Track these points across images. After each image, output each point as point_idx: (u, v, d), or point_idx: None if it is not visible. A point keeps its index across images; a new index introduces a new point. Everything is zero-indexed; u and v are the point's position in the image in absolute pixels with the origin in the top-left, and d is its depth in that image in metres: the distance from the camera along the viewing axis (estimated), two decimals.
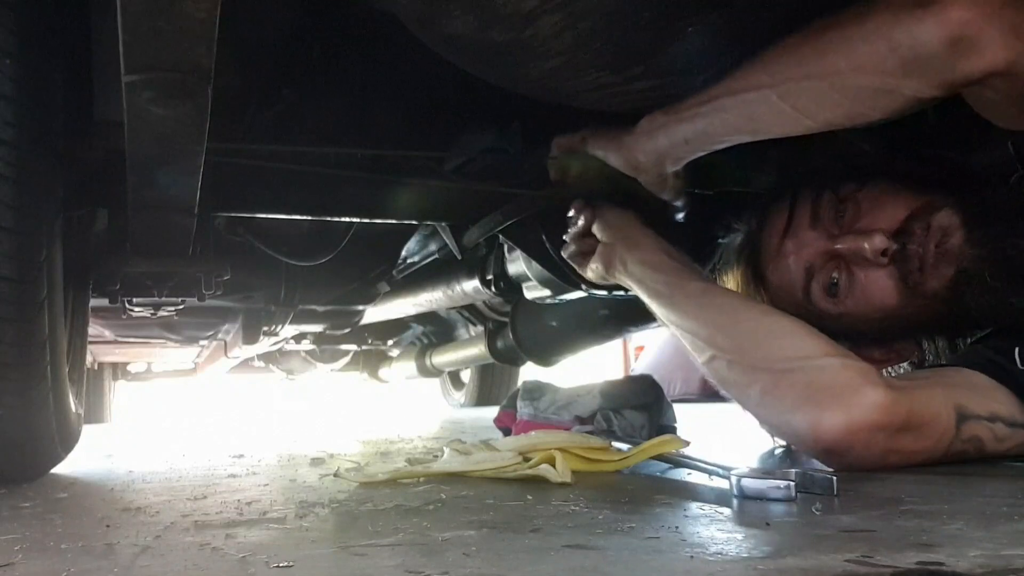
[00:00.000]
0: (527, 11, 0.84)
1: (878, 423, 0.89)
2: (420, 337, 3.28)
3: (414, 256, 1.85)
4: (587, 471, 0.99)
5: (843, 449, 0.90)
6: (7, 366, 0.93)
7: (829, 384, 0.91)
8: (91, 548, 0.65)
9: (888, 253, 1.02)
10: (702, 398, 3.88)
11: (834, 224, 1.08)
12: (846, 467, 0.91)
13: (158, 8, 0.63)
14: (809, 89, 0.89)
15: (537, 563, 0.54)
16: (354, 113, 1.26)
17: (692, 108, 0.98)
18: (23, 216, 0.87)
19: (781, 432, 0.98)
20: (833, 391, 0.90)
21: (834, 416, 0.89)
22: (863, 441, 0.89)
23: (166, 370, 4.60)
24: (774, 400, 0.94)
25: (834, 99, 0.89)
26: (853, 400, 0.89)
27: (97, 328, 2.42)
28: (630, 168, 1.09)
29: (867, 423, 0.89)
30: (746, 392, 0.97)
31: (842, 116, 0.91)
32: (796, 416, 0.92)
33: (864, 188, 1.08)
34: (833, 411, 0.89)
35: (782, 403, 0.93)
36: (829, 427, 0.89)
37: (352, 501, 0.84)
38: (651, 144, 1.04)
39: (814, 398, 0.91)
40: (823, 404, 0.90)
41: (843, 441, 0.89)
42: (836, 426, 0.89)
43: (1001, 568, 0.48)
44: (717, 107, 0.96)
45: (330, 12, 1.13)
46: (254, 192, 1.24)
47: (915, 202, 1.03)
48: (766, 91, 0.91)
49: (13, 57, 0.83)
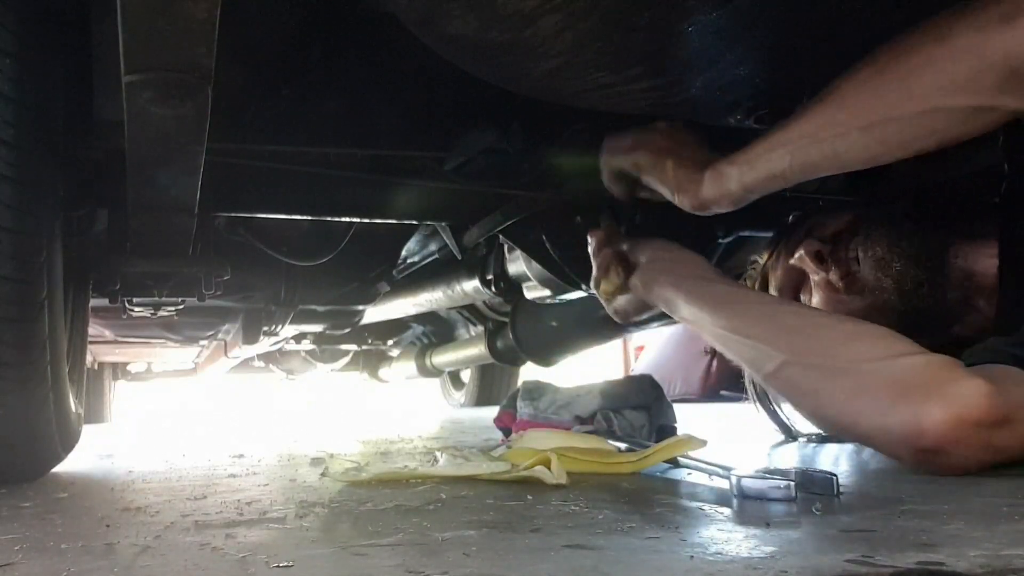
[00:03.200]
0: (527, 11, 0.84)
1: (981, 415, 0.81)
2: (420, 337, 3.28)
3: (414, 256, 1.85)
4: (603, 473, 0.99)
5: (945, 447, 0.82)
6: (7, 366, 0.93)
7: (923, 379, 0.84)
8: (91, 548, 0.65)
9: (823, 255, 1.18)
10: (702, 398, 3.89)
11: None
12: (945, 469, 0.84)
13: (158, 8, 0.63)
14: (897, 122, 0.86)
15: (537, 563, 0.54)
16: (354, 113, 1.25)
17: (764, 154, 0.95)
18: (23, 216, 0.87)
19: (872, 438, 0.90)
20: (928, 386, 0.83)
21: (935, 411, 0.81)
22: (966, 436, 0.82)
23: (166, 370, 4.59)
24: (863, 403, 0.87)
25: (927, 126, 0.85)
26: (952, 392, 0.82)
27: (97, 328, 2.42)
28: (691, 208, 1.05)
29: (971, 416, 0.81)
30: (827, 398, 0.90)
31: (935, 141, 0.87)
32: (890, 417, 0.84)
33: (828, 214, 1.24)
34: (932, 406, 0.82)
35: (872, 405, 0.86)
36: (930, 423, 0.81)
37: (352, 501, 0.84)
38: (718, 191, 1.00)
39: (908, 395, 0.84)
40: (920, 400, 0.83)
41: (946, 437, 0.82)
42: (938, 422, 0.81)
43: (1001, 568, 0.48)
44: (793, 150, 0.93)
45: (330, 12, 1.13)
46: (254, 192, 1.23)
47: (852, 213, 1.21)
48: (848, 133, 0.88)
49: (13, 57, 0.83)
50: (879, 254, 1.16)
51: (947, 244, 1.14)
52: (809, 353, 0.93)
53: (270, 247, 1.49)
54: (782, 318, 0.99)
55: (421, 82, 1.22)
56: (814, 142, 0.92)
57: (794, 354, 0.94)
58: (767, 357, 0.96)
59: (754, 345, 0.98)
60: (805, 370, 0.93)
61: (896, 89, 0.85)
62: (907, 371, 0.85)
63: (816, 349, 0.93)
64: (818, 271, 1.20)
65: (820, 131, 0.91)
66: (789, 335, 0.96)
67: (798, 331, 0.96)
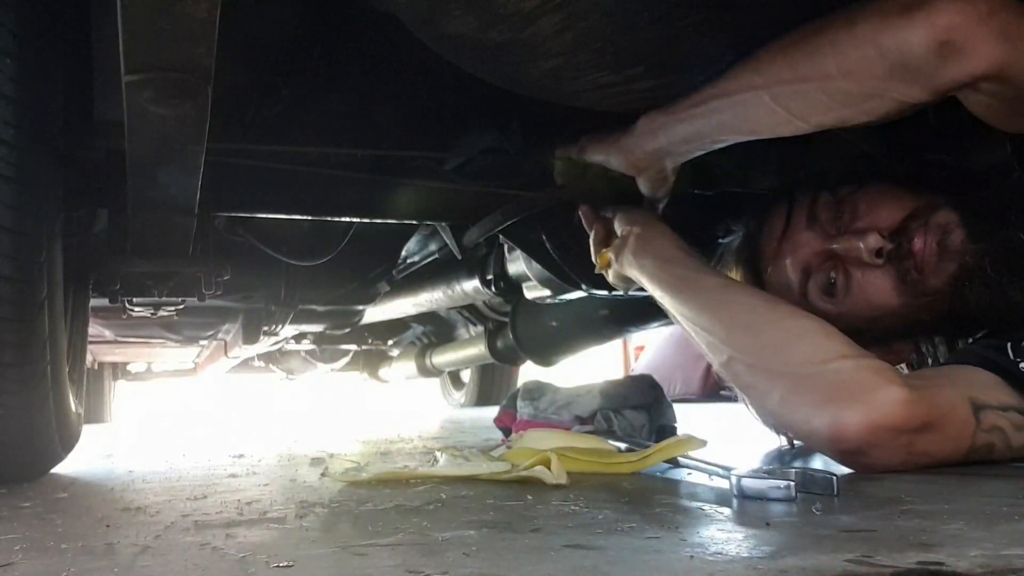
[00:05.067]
0: (527, 11, 0.84)
1: (898, 422, 0.87)
2: (420, 337, 3.28)
3: (414, 256, 1.85)
4: (603, 473, 0.99)
5: (864, 449, 0.89)
6: (7, 366, 0.93)
7: (848, 385, 0.90)
8: (91, 548, 0.65)
9: (883, 253, 1.03)
10: (702, 398, 3.89)
11: (832, 225, 1.08)
12: (868, 468, 0.90)
13: (158, 8, 0.63)
14: (800, 92, 0.90)
15: (537, 563, 0.54)
16: (354, 113, 1.25)
17: (688, 108, 0.98)
18: (23, 216, 0.87)
19: (803, 436, 0.97)
20: (852, 391, 0.89)
21: (854, 416, 0.88)
22: (883, 440, 0.88)
23: (166, 370, 4.59)
24: (795, 404, 0.93)
25: (824, 102, 0.89)
26: (872, 399, 0.88)
27: (97, 328, 2.42)
28: (631, 168, 1.09)
29: (887, 422, 0.87)
30: (767, 397, 0.96)
31: (833, 119, 0.92)
32: (816, 419, 0.90)
33: (862, 189, 1.08)
34: (852, 411, 0.88)
35: (803, 407, 0.92)
36: (849, 428, 0.88)
37: (352, 501, 0.84)
38: (651, 144, 1.04)
39: (833, 399, 0.90)
40: (843, 405, 0.89)
41: (864, 441, 0.88)
42: (856, 426, 0.88)
43: (1001, 568, 0.48)
44: (713, 108, 0.96)
45: (330, 12, 1.13)
46: (254, 192, 1.23)
47: (913, 202, 1.04)
48: (759, 92, 0.92)
49: (13, 57, 0.83)
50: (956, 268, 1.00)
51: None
52: (752, 352, 0.98)
53: (270, 247, 1.49)
54: (731, 312, 1.02)
55: (421, 82, 1.22)
56: (729, 103, 0.94)
57: (738, 351, 0.99)
58: (717, 349, 1.01)
59: (706, 336, 1.02)
60: (749, 369, 0.98)
61: (802, 63, 0.88)
62: (836, 376, 0.91)
63: (758, 349, 0.97)
64: (873, 262, 1.04)
65: (736, 91, 0.94)
66: (736, 332, 1.00)
67: (745, 328, 0.99)
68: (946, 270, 1.00)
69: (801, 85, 0.89)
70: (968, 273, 0.99)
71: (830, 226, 1.08)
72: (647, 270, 1.11)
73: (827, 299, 1.08)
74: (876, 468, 0.89)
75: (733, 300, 1.04)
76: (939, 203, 1.03)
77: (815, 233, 1.09)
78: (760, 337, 0.98)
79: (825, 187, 1.10)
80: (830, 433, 0.90)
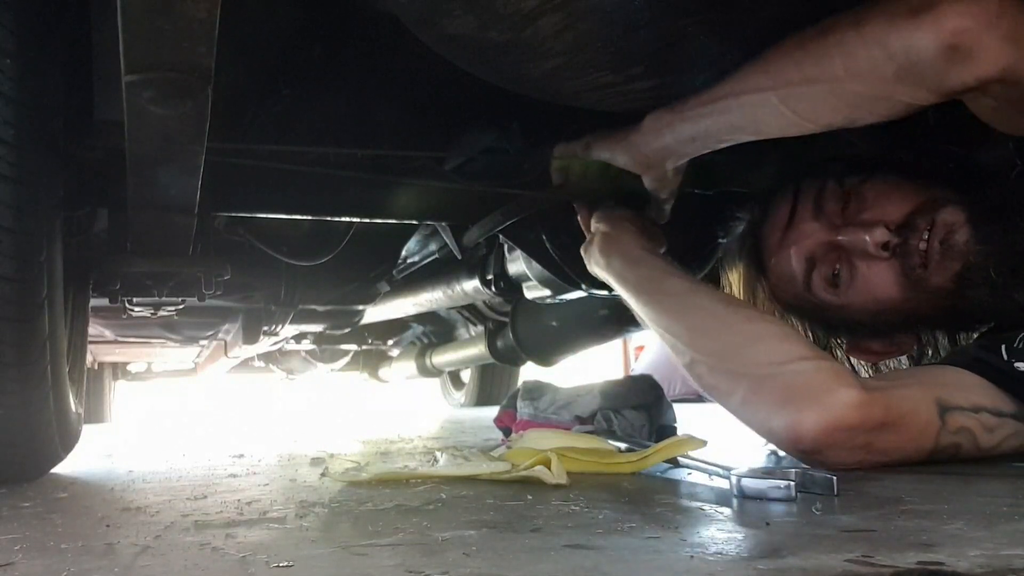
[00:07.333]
0: (527, 11, 0.84)
1: (853, 422, 0.89)
2: (420, 337, 3.28)
3: (414, 256, 1.85)
4: (603, 473, 0.99)
5: (820, 449, 0.91)
6: (7, 366, 0.93)
7: (804, 387, 0.92)
8: (91, 548, 0.65)
9: (890, 247, 1.03)
10: (702, 398, 3.89)
11: (837, 216, 1.08)
12: (829, 467, 0.91)
13: (158, 8, 0.63)
14: (808, 94, 0.90)
15: (537, 563, 0.54)
16: (354, 113, 1.25)
17: (696, 108, 0.99)
18: (23, 216, 0.87)
19: (764, 435, 0.99)
20: (809, 393, 0.92)
21: (810, 417, 0.90)
22: (839, 441, 0.90)
23: (166, 370, 4.60)
24: (754, 406, 0.95)
25: (832, 104, 0.90)
26: (828, 401, 0.90)
27: (97, 328, 2.42)
28: (637, 166, 1.09)
29: (842, 423, 0.89)
30: (729, 398, 0.98)
31: (841, 119, 0.92)
32: (775, 420, 0.93)
33: (869, 181, 1.08)
34: (808, 413, 0.90)
35: (762, 408, 0.95)
36: (806, 429, 0.90)
37: (352, 501, 0.84)
38: (658, 141, 1.04)
39: (791, 401, 0.92)
40: (799, 406, 0.91)
41: (820, 441, 0.90)
42: (812, 427, 0.90)
43: (1001, 568, 0.48)
44: (721, 108, 0.96)
45: (330, 12, 1.13)
46: (254, 192, 1.24)
47: (919, 197, 1.04)
48: (767, 94, 0.92)
49: (13, 57, 0.83)
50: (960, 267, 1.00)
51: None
52: (713, 354, 1.00)
53: (270, 247, 1.49)
54: (694, 315, 1.04)
55: (421, 82, 1.22)
56: (737, 103, 0.95)
57: (700, 353, 1.01)
58: (680, 351, 1.03)
59: (670, 338, 1.04)
60: (711, 370, 1.00)
61: (810, 65, 0.88)
62: (794, 377, 0.93)
63: (719, 351, 0.99)
64: (879, 255, 1.04)
65: (744, 92, 0.94)
66: (696, 335, 1.02)
67: (705, 332, 1.01)
68: (950, 268, 1.01)
69: (809, 87, 0.89)
70: (972, 273, 0.99)
71: (836, 217, 1.08)
72: (614, 269, 1.13)
73: (831, 290, 1.09)
74: (835, 466, 0.91)
75: (695, 303, 1.05)
76: (946, 199, 1.02)
77: (820, 224, 1.09)
78: (720, 339, 1.00)
79: (830, 178, 1.10)
80: (788, 433, 0.92)
